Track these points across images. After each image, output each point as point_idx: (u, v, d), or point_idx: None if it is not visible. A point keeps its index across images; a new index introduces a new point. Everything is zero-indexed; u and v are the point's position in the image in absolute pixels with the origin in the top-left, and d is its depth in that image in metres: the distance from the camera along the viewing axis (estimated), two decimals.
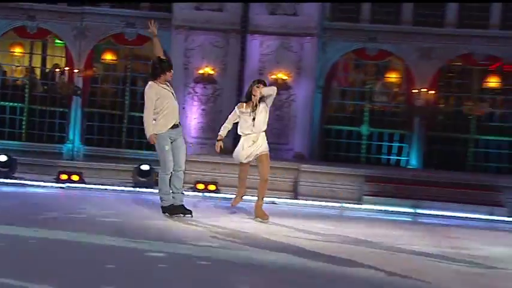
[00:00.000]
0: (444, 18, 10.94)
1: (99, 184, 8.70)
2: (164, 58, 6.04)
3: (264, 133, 6.05)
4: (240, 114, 5.96)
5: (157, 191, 6.34)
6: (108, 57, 12.11)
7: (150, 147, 7.66)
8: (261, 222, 5.97)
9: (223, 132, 6.09)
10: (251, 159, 6.01)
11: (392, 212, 8.03)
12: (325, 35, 11.10)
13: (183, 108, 10.87)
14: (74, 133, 11.79)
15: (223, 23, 10.82)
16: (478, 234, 6.81)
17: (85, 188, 8.54)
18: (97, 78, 12.08)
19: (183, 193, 6.03)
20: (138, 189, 8.60)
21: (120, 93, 11.97)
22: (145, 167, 8.94)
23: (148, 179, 8.79)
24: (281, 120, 10.79)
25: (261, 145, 5.97)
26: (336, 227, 6.26)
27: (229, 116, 6.12)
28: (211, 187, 8.77)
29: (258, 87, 5.91)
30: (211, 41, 10.91)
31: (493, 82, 11.31)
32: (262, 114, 5.95)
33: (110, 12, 11.62)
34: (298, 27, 10.70)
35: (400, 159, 11.22)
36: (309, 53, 10.77)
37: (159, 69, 5.79)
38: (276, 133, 10.44)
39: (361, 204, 8.39)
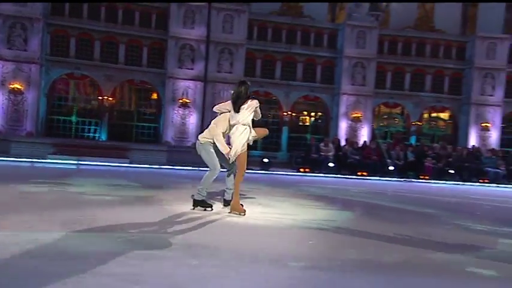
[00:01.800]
0: (118, 58, 19.39)
1: None
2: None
3: None
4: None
5: None
6: None
7: None
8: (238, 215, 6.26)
9: None
10: None
11: (65, 163, 14.36)
12: (47, 63, 18.69)
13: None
14: None
15: None
16: (103, 176, 11.48)
17: None
18: None
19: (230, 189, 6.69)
20: None
21: None
22: None
23: None
24: (18, 112, 18.12)
25: None
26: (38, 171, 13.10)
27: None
28: None
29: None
30: None
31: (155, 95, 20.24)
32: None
33: None
34: (27, 57, 18.00)
35: (95, 135, 19.51)
36: (35, 73, 18.15)
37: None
38: (14, 120, 17.93)
39: (46, 159, 16.08)
